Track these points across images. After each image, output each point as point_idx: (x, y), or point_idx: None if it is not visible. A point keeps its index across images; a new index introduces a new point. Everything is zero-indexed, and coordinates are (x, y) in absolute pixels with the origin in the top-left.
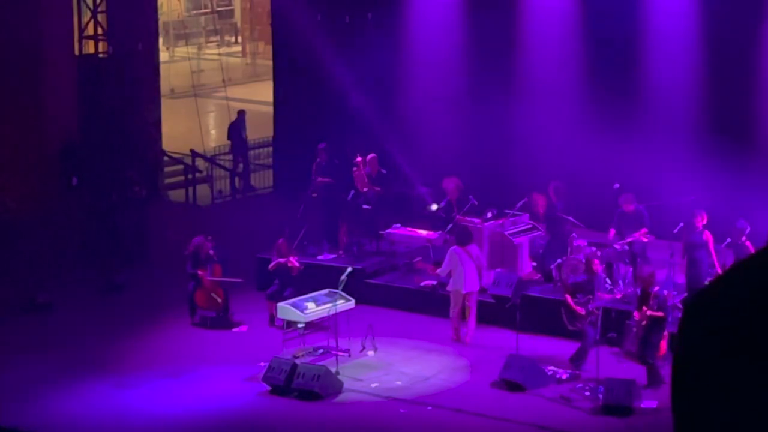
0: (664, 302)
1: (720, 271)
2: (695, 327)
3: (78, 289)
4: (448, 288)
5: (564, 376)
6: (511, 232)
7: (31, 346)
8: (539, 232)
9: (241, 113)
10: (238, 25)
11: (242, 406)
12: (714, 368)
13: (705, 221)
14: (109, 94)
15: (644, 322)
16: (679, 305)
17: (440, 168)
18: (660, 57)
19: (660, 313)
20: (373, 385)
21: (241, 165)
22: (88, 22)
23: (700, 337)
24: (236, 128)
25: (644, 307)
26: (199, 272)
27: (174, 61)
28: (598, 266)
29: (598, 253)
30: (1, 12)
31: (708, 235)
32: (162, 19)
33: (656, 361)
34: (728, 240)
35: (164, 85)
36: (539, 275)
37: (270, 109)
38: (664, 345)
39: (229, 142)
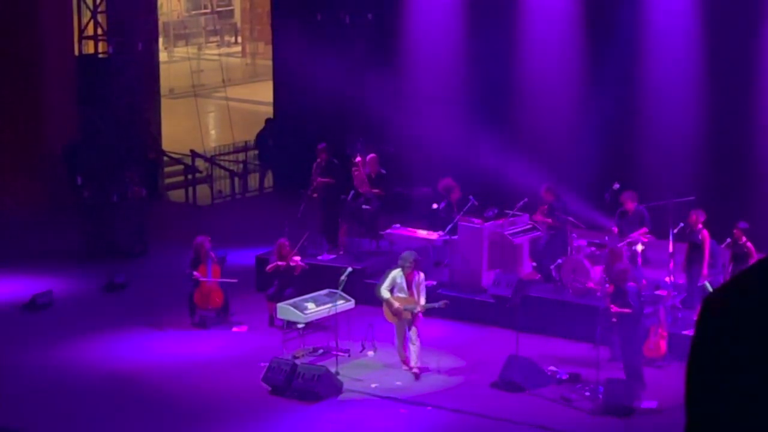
0: (636, 299)
1: (706, 272)
2: (714, 324)
3: (78, 289)
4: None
5: (564, 376)
6: (511, 232)
7: (31, 346)
8: (539, 233)
9: (268, 121)
10: (238, 25)
11: (242, 406)
12: (734, 367)
13: (704, 221)
14: (109, 94)
15: (614, 319)
16: (679, 305)
17: (441, 168)
18: (660, 57)
19: (627, 310)
20: (373, 385)
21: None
22: (88, 22)
23: (719, 335)
24: (264, 137)
25: (612, 305)
26: (195, 273)
27: (174, 61)
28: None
29: (597, 252)
30: (1, 12)
31: (705, 235)
32: (162, 19)
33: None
34: (728, 240)
35: (164, 85)
36: (539, 275)
37: (270, 109)
38: (663, 345)
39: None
